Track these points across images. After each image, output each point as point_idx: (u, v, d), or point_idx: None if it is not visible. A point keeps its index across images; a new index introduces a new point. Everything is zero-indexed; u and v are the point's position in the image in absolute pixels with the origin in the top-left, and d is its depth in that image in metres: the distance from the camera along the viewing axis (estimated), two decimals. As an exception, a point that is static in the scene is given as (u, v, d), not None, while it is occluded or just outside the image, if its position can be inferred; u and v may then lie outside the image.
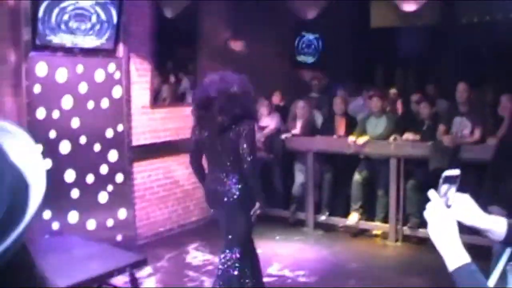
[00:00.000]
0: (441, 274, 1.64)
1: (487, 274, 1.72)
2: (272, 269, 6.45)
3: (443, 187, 1.69)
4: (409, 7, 6.23)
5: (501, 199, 5.11)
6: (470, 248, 1.66)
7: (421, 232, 7.12)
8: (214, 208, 4.96)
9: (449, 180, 1.69)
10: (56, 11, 5.95)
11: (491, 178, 5.62)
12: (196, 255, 6.93)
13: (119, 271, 4.32)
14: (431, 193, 1.68)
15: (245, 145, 4.58)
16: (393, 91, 9.10)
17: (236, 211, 4.74)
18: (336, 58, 10.56)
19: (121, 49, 6.84)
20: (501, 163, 5.46)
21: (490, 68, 11.74)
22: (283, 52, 10.24)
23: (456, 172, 1.70)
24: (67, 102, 6.25)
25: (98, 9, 6.34)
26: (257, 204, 4.77)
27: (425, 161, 6.86)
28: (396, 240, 7.35)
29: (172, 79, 7.93)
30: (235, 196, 4.71)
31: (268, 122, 8.14)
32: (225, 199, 4.73)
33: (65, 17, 6.05)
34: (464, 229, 1.72)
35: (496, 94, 7.57)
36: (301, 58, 10.66)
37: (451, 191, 1.69)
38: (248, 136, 4.61)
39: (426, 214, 1.67)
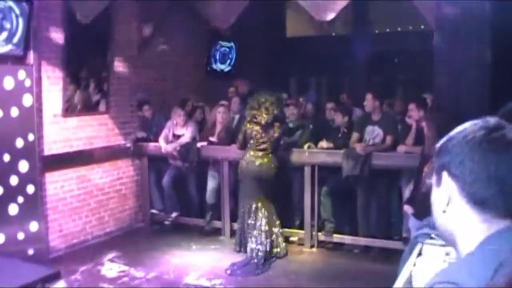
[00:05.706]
0: (354, 279, 1.68)
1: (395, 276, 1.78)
2: (189, 279, 6.41)
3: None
4: (324, 17, 6.36)
5: (411, 200, 5.37)
6: (382, 251, 1.71)
7: (335, 237, 7.27)
8: None
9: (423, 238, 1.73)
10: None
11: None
12: (111, 267, 6.80)
13: (31, 286, 4.18)
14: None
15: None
16: (302, 99, 9.21)
17: None
18: (251, 66, 10.63)
19: (31, 56, 6.63)
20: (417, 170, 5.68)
21: (401, 77, 12.19)
22: (198, 60, 10.22)
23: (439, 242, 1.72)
24: (-27, 110, 6.02)
25: (6, 13, 6.13)
26: None
27: (338, 168, 7.00)
28: (312, 246, 7.46)
29: (85, 87, 7.73)
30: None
31: (184, 131, 8.09)
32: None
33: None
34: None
35: (406, 103, 7.81)
36: (216, 66, 10.67)
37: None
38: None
39: None
